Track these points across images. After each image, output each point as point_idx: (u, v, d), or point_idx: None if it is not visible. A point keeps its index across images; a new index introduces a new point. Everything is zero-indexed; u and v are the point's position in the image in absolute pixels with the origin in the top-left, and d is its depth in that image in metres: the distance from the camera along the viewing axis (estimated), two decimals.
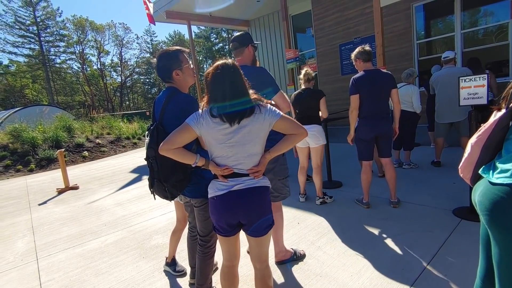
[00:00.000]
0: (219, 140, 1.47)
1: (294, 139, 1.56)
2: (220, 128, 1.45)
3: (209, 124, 1.45)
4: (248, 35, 2.23)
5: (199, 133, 1.49)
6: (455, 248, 2.29)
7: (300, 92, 3.46)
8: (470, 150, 1.16)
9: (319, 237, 2.73)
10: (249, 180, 1.51)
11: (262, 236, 1.56)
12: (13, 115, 13.25)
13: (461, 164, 1.22)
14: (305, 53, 10.82)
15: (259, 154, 1.54)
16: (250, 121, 1.45)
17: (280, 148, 1.57)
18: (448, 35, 7.30)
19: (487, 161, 1.13)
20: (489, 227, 1.05)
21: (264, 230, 1.55)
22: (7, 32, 31.29)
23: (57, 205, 4.85)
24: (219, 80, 1.45)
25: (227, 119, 1.43)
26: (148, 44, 43.10)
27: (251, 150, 1.50)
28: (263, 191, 1.54)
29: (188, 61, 1.79)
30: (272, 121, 1.49)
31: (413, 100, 4.32)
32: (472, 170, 1.17)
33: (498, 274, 1.07)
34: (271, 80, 2.11)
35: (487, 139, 1.08)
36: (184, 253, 2.51)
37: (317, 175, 3.47)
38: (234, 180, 1.51)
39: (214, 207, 1.54)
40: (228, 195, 1.50)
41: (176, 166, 1.65)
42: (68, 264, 2.79)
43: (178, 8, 10.05)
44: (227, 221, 1.54)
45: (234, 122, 1.43)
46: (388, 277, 2.04)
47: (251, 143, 1.49)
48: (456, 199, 3.12)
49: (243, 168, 1.51)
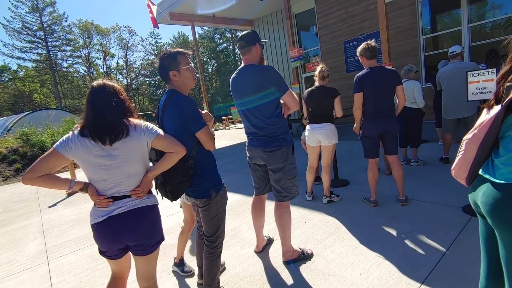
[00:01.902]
0: (92, 163, 1.40)
1: (171, 157, 1.55)
2: (93, 150, 1.39)
3: (79, 146, 1.38)
4: (255, 33, 2.20)
5: (69, 157, 1.40)
6: (465, 246, 2.25)
7: (314, 89, 3.40)
8: (465, 149, 1.12)
9: (327, 236, 2.72)
10: (131, 202, 1.46)
11: (150, 253, 1.54)
12: (22, 119, 13.49)
13: (455, 164, 1.18)
14: (310, 51, 10.76)
15: (140, 174, 1.51)
16: (123, 141, 1.41)
17: (160, 167, 1.57)
18: (455, 29, 7.18)
19: (484, 160, 1.10)
20: (497, 228, 1.03)
21: (153, 247, 1.54)
22: (15, 37, 31.87)
23: (66, 207, 4.92)
24: (92, 100, 1.42)
25: (99, 139, 1.38)
26: (152, 46, 43.45)
27: (129, 170, 1.46)
28: (148, 210, 1.51)
29: (188, 63, 1.75)
30: (149, 140, 1.49)
31: (415, 95, 4.26)
32: (468, 170, 1.13)
33: (508, 275, 1.03)
34: (278, 79, 2.09)
35: (484, 137, 1.05)
36: (192, 253, 2.52)
37: (326, 174, 3.45)
38: (114, 204, 1.44)
39: (96, 235, 1.47)
40: (108, 221, 1.42)
41: (176, 168, 1.65)
42: (78, 266, 2.83)
43: (181, 9, 10.10)
44: (112, 248, 1.47)
45: (106, 142, 1.38)
46: (397, 276, 2.01)
47: (127, 164, 1.44)
48: (465, 196, 3.04)
49: (124, 190, 1.46)
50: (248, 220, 3.31)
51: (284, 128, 2.19)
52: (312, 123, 3.40)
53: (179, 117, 1.67)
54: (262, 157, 2.21)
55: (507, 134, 1.03)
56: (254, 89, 2.09)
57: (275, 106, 2.14)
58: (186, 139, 1.69)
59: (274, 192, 2.31)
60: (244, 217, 3.42)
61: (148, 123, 1.54)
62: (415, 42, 7.53)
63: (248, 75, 2.13)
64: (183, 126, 1.68)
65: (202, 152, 1.76)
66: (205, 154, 1.78)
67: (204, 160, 1.77)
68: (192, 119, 1.67)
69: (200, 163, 1.75)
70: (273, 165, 2.20)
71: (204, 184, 1.75)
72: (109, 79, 1.54)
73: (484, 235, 1.18)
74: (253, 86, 2.09)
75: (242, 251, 2.65)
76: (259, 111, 2.13)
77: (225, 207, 1.89)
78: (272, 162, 2.19)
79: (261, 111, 2.12)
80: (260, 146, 2.19)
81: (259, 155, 2.22)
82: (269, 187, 2.41)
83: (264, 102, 2.10)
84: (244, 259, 2.52)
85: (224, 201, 1.87)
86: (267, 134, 2.15)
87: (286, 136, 2.19)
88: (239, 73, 2.20)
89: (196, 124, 1.68)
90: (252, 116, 2.17)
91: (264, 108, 2.11)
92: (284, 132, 2.19)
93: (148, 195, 1.55)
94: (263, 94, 2.08)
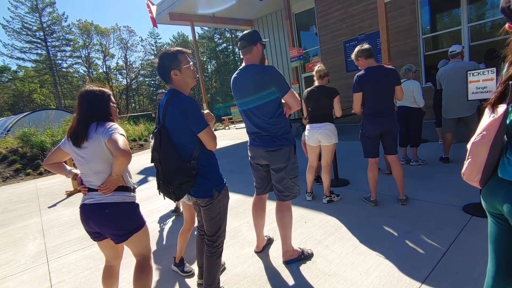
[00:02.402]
0: (74, 158, 1.70)
1: (114, 161, 1.61)
2: (73, 147, 1.67)
3: (67, 145, 1.70)
4: (256, 33, 2.19)
5: (66, 151, 1.73)
6: (466, 245, 2.25)
7: (313, 89, 3.40)
8: (474, 152, 1.10)
9: (327, 235, 2.72)
10: (98, 196, 1.66)
11: (126, 240, 1.71)
12: (22, 120, 13.48)
13: (465, 168, 1.14)
14: (309, 51, 10.76)
15: (104, 172, 1.67)
16: (89, 141, 1.63)
17: (113, 169, 1.63)
18: (455, 29, 7.18)
19: (496, 160, 1.09)
20: None
21: (123, 237, 1.70)
22: (14, 38, 31.88)
23: (66, 208, 4.92)
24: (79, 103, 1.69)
25: (71, 139, 1.66)
26: (152, 46, 43.45)
27: (95, 168, 1.66)
28: (113, 206, 1.65)
29: (189, 62, 1.75)
30: (105, 141, 1.61)
31: (415, 94, 4.27)
32: (481, 172, 1.10)
33: None
34: (280, 79, 2.08)
35: (494, 137, 1.03)
36: (191, 253, 2.51)
37: (326, 174, 3.45)
38: (88, 194, 1.69)
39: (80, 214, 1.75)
40: (82, 207, 1.71)
41: (179, 168, 1.65)
42: (78, 266, 2.83)
43: (181, 9, 10.10)
44: (87, 229, 1.74)
45: (74, 144, 1.64)
46: (397, 276, 2.01)
47: (93, 162, 1.65)
48: (465, 196, 3.07)
49: (92, 184, 1.68)
50: (248, 220, 3.31)
51: (286, 127, 2.19)
52: (312, 123, 3.40)
53: (182, 117, 1.66)
54: (264, 156, 2.21)
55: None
56: (255, 89, 2.08)
57: (276, 105, 2.14)
58: (189, 139, 1.70)
59: (276, 191, 2.31)
60: (244, 217, 3.42)
61: (115, 125, 1.67)
62: (415, 42, 7.53)
63: (249, 75, 2.13)
64: (186, 126, 1.67)
65: (204, 152, 1.75)
66: (207, 154, 1.78)
67: (206, 160, 1.76)
68: (195, 120, 1.67)
69: (203, 163, 1.75)
70: (275, 165, 2.20)
71: (207, 184, 1.75)
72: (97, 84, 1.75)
73: (495, 236, 1.17)
74: (255, 86, 2.08)
75: (242, 251, 2.65)
76: (261, 111, 2.12)
77: (226, 207, 1.89)
78: (274, 161, 2.19)
79: (263, 110, 2.12)
80: (262, 145, 2.19)
81: (261, 154, 2.22)
82: (270, 186, 2.40)
83: (265, 101, 2.10)
84: (244, 259, 2.52)
85: (226, 201, 1.87)
86: (270, 134, 2.15)
87: (288, 136, 2.19)
88: (240, 73, 2.20)
89: (199, 124, 1.68)
90: (254, 116, 2.17)
91: (266, 107, 2.11)
92: (287, 132, 2.19)
93: (116, 192, 1.66)
94: (264, 94, 2.08)
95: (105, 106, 1.72)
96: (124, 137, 1.62)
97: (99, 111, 1.69)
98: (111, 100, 1.76)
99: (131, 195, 1.74)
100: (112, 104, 1.77)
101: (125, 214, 1.70)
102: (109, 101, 1.74)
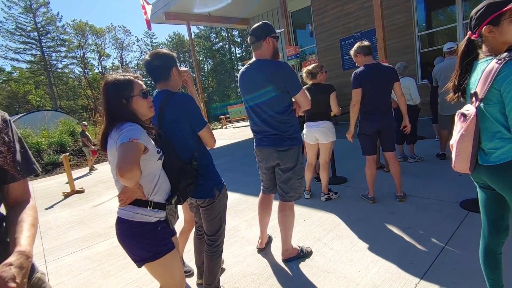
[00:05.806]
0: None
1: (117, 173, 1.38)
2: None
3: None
4: (266, 25, 2.09)
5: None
6: (463, 240, 2.26)
7: (309, 87, 3.40)
8: (461, 148, 1.33)
9: (326, 233, 2.72)
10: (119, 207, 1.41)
11: (141, 267, 1.41)
12: (17, 121, 13.37)
13: (454, 162, 1.40)
14: (306, 49, 10.77)
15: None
16: (109, 144, 1.37)
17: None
18: (450, 26, 7.22)
19: (477, 149, 1.33)
20: (504, 192, 1.29)
21: (137, 262, 1.40)
22: (8, 38, 31.62)
23: (63, 209, 4.89)
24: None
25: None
26: (148, 46, 43.24)
27: (113, 173, 1.38)
28: (119, 223, 1.39)
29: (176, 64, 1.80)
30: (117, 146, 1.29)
31: (411, 91, 4.30)
32: (470, 161, 1.34)
33: None
34: (293, 78, 2.03)
35: (475, 130, 1.27)
36: (190, 253, 2.51)
37: (324, 172, 3.45)
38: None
39: None
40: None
41: (183, 171, 1.58)
42: (76, 267, 2.81)
43: (176, 9, 10.05)
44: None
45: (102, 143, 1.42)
46: (396, 272, 2.02)
47: (112, 166, 1.36)
48: (462, 192, 3.09)
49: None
50: (246, 218, 3.31)
51: (296, 127, 2.15)
52: (309, 121, 3.40)
53: (183, 116, 1.64)
54: (274, 157, 2.15)
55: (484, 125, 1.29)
56: (266, 84, 2.02)
57: (287, 103, 2.08)
58: (190, 140, 1.68)
59: (281, 192, 2.26)
60: (243, 216, 3.42)
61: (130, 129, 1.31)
62: (411, 39, 7.56)
63: (260, 69, 2.06)
64: (188, 125, 1.65)
65: (203, 152, 1.75)
66: (206, 154, 1.77)
67: (206, 160, 1.76)
68: (196, 118, 1.66)
69: (203, 163, 1.73)
70: (285, 165, 2.16)
71: (208, 183, 1.74)
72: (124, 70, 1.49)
73: (484, 201, 1.46)
74: (265, 81, 2.02)
75: (241, 250, 2.65)
76: (270, 107, 2.06)
77: (226, 206, 1.88)
78: (284, 161, 2.14)
79: (272, 106, 2.06)
80: (271, 145, 2.13)
81: (271, 155, 2.16)
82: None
83: (275, 97, 2.04)
84: (243, 257, 2.52)
85: (226, 200, 1.87)
86: (279, 133, 2.10)
87: (298, 136, 2.15)
88: (249, 68, 2.13)
89: (199, 122, 1.67)
90: (262, 112, 2.10)
91: (275, 103, 2.05)
92: (296, 131, 2.14)
93: (129, 206, 1.36)
94: (274, 90, 2.02)
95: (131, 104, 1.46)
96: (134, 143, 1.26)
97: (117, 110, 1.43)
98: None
99: (144, 213, 1.37)
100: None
101: (132, 236, 1.37)
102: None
